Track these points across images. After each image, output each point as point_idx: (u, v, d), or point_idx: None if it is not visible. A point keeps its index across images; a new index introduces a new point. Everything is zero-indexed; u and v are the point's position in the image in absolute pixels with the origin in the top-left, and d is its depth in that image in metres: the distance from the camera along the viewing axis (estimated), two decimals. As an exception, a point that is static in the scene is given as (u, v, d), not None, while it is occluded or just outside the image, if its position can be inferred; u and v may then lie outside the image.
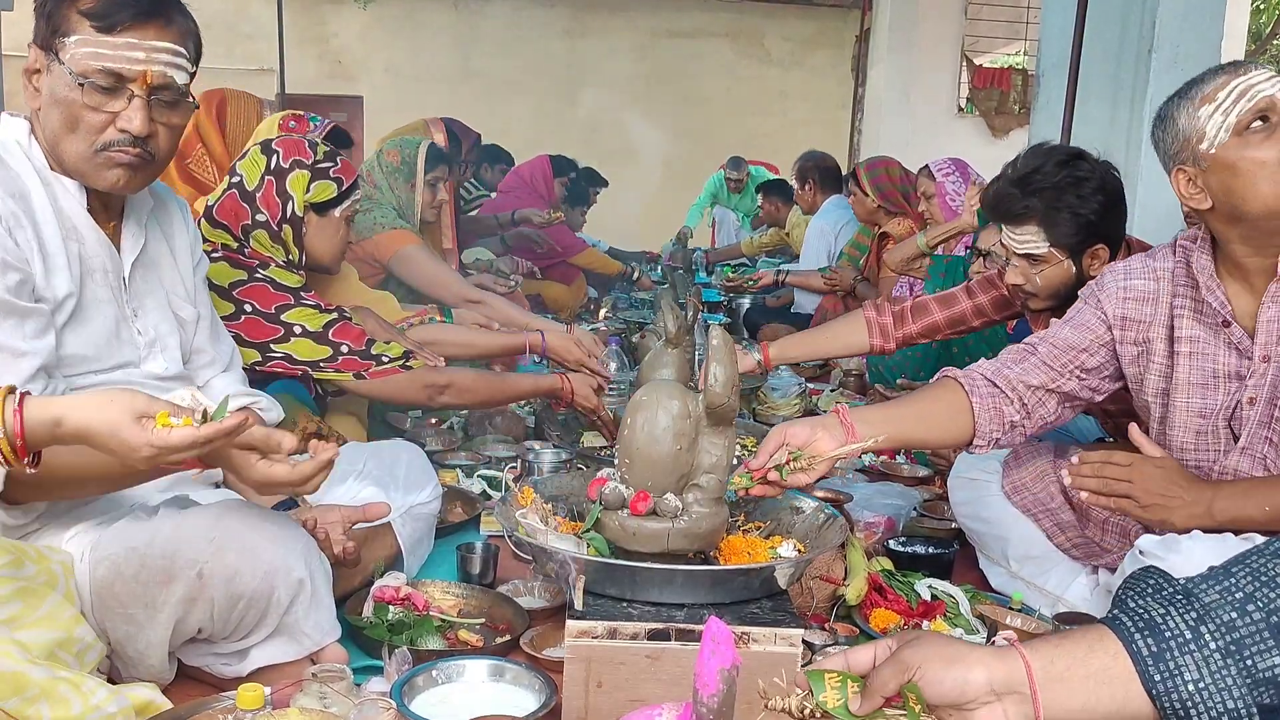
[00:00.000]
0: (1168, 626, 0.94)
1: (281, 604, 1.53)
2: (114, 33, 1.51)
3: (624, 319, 5.00)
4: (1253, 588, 0.94)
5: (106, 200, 1.64)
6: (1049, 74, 5.06)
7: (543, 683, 1.53)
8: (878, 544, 2.25)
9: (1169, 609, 0.95)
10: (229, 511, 1.53)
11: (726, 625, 1.03)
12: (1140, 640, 0.94)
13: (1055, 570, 2.08)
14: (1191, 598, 0.95)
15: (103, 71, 1.51)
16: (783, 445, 1.68)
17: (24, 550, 1.45)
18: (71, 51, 1.51)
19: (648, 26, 11.25)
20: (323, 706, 1.39)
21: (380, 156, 3.63)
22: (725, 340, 1.49)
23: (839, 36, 11.07)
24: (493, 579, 2.05)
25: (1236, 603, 0.94)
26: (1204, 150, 1.63)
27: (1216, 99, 1.61)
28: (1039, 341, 1.95)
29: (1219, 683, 0.91)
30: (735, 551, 1.60)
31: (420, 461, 2.14)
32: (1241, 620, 0.93)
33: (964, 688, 0.95)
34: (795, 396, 3.60)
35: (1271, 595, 0.93)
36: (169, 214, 1.80)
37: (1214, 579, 0.97)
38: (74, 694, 1.26)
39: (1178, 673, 0.92)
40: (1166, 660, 0.93)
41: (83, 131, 1.54)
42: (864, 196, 4.51)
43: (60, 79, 1.53)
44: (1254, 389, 1.72)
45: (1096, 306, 1.91)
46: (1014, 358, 1.95)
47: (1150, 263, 1.88)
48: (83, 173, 1.58)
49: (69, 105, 1.53)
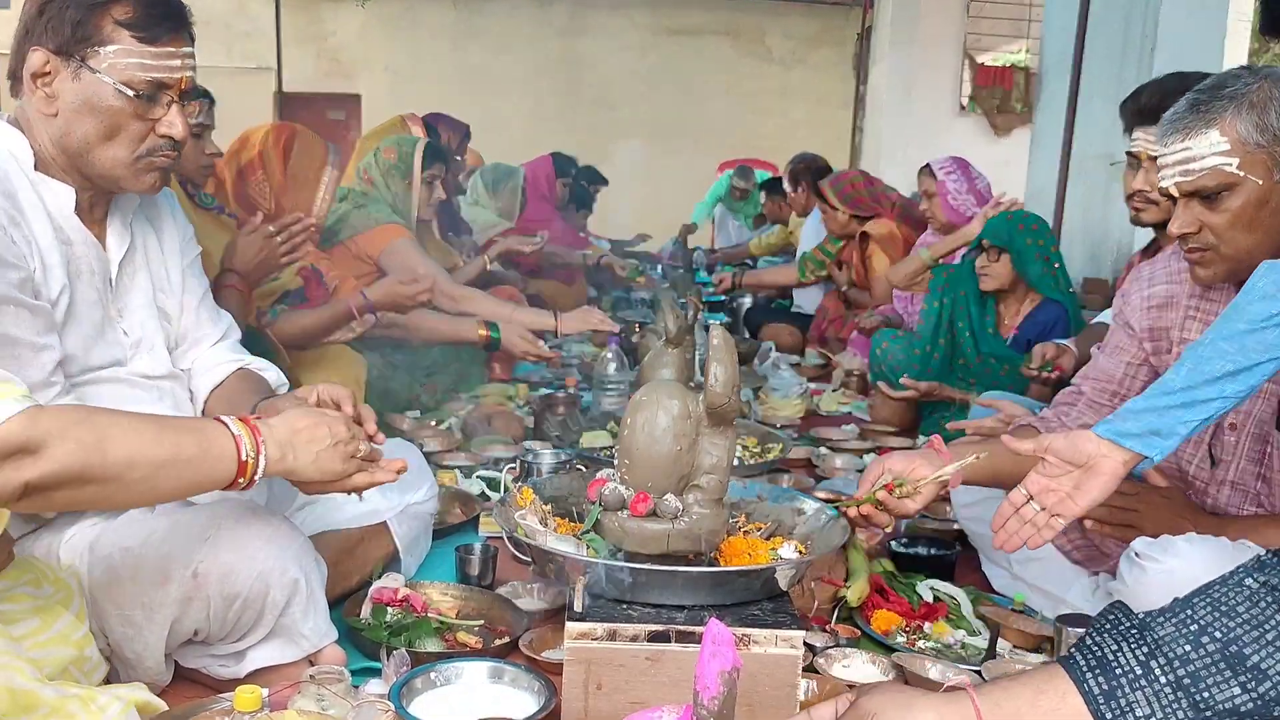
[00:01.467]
0: (1119, 663, 0.96)
1: (277, 605, 1.52)
2: (156, 44, 1.55)
3: (624, 319, 4.99)
4: (1210, 618, 0.95)
5: (93, 201, 1.64)
6: (1051, 72, 5.06)
7: (542, 685, 1.52)
8: (880, 545, 2.25)
9: (1121, 645, 0.97)
10: (223, 512, 1.53)
11: (727, 627, 1.02)
12: (1091, 679, 0.96)
13: (1057, 572, 2.07)
14: (1146, 631, 0.97)
15: (149, 82, 1.54)
16: (883, 473, 1.67)
17: (43, 571, 1.46)
18: (111, 61, 1.52)
19: (648, 24, 11.25)
20: (320, 709, 1.39)
21: (377, 154, 3.62)
22: (725, 340, 1.48)
23: (840, 34, 11.07)
24: (491, 580, 2.04)
25: (1191, 635, 0.95)
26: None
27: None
28: (1082, 380, 1.95)
29: (1169, 716, 0.92)
30: (736, 553, 1.59)
31: (416, 461, 2.13)
32: (1195, 653, 0.94)
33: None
34: (796, 396, 3.59)
35: (1230, 625, 0.94)
36: (156, 208, 1.79)
37: (1172, 612, 0.98)
38: (83, 710, 1.25)
39: (1129, 709, 0.94)
40: (1117, 697, 0.94)
41: (124, 139, 1.56)
42: (834, 212, 4.58)
43: (96, 88, 1.53)
44: (1235, 414, 1.72)
45: (1125, 326, 1.90)
46: (1066, 402, 1.95)
47: (1174, 263, 1.85)
48: (117, 178, 1.59)
49: (110, 114, 1.54)
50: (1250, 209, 1.55)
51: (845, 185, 4.56)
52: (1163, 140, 1.63)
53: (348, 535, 1.89)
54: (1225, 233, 1.58)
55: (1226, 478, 1.75)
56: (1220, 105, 1.55)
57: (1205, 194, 1.58)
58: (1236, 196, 1.56)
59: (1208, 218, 1.60)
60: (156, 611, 1.48)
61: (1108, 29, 4.25)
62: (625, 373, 3.19)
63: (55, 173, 1.58)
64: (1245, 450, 1.72)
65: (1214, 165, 1.55)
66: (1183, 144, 1.58)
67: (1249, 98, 1.53)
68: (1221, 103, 1.55)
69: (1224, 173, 1.55)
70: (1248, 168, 1.54)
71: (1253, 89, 1.54)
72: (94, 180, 1.60)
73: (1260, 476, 1.72)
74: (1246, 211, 1.55)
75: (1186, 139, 1.58)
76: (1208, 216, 1.60)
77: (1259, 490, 1.72)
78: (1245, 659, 0.92)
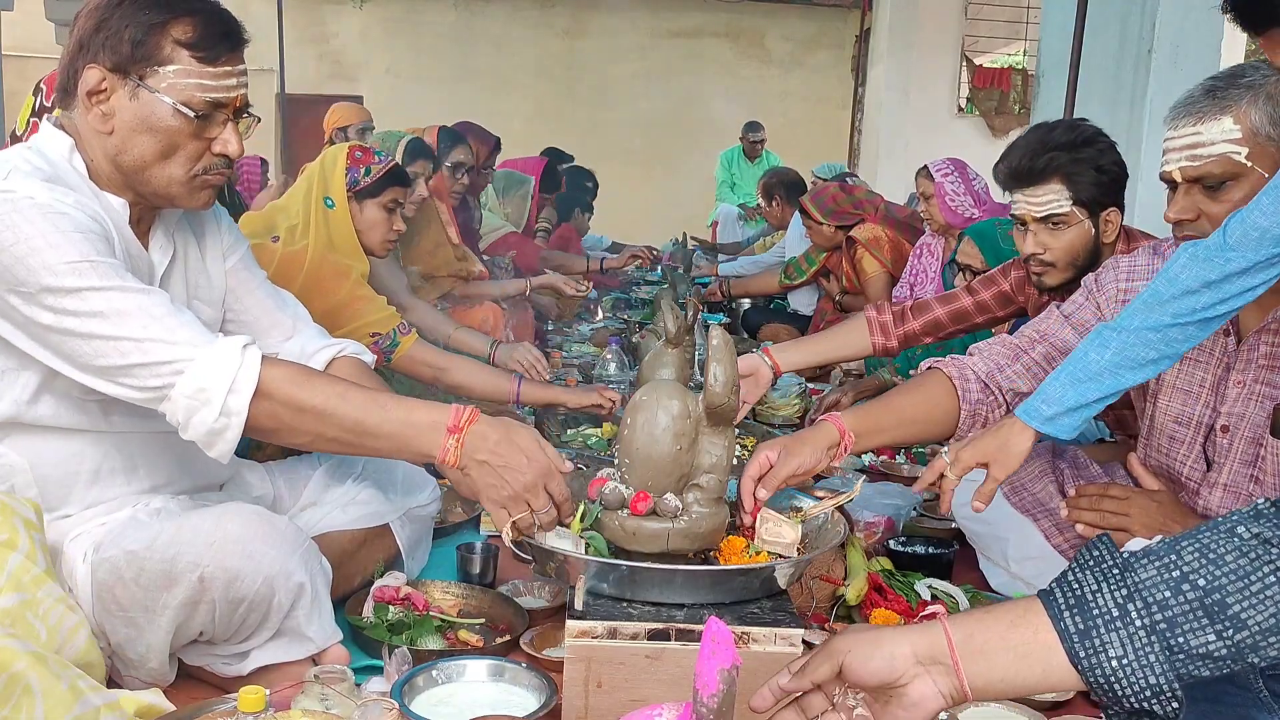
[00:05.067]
0: (1096, 604, 0.95)
1: (283, 607, 1.53)
2: (215, 64, 1.54)
3: (624, 319, 5.01)
4: (1195, 565, 0.94)
5: (142, 214, 1.64)
6: (1049, 74, 5.07)
7: (543, 683, 1.53)
8: (878, 544, 2.26)
9: (1101, 585, 0.96)
10: (229, 515, 1.53)
11: (726, 625, 1.03)
12: (1068, 617, 0.95)
13: (1054, 570, 2.08)
14: (1127, 573, 0.96)
15: (207, 102, 1.54)
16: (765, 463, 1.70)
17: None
18: (171, 81, 1.52)
19: (648, 26, 11.26)
20: (324, 708, 1.39)
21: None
22: (725, 340, 1.49)
23: (839, 36, 11.08)
24: (492, 579, 2.05)
25: (1172, 581, 0.94)
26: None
27: None
28: (1038, 339, 1.94)
29: (1142, 660, 0.92)
30: (735, 551, 1.60)
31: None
32: (1175, 599, 0.93)
33: (892, 662, 0.98)
34: (795, 396, 3.60)
35: (1215, 574, 0.93)
36: (198, 215, 1.78)
37: (1157, 555, 0.97)
38: None
39: (1102, 649, 0.93)
40: (1092, 637, 0.94)
41: (181, 158, 1.56)
42: (819, 225, 4.65)
43: (154, 107, 1.52)
44: (1227, 416, 1.73)
45: (1096, 309, 1.90)
46: (1008, 355, 1.94)
47: (1154, 261, 1.86)
48: (172, 196, 1.59)
49: (169, 134, 1.54)
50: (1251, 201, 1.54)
51: (826, 199, 4.65)
52: (1171, 123, 1.63)
53: (351, 537, 1.89)
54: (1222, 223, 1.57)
55: (1219, 480, 1.76)
56: (1237, 93, 1.54)
57: (1209, 182, 1.58)
58: (1240, 188, 1.56)
59: (1207, 206, 1.60)
60: (159, 614, 1.48)
61: (1105, 31, 4.26)
62: (625, 373, 3.20)
63: (107, 186, 1.58)
64: (1239, 453, 1.73)
65: (1223, 152, 1.55)
66: (1193, 128, 1.58)
67: (1266, 89, 1.53)
68: (1238, 91, 1.54)
69: (1232, 161, 1.55)
70: (1256, 159, 1.54)
71: (1270, 81, 1.54)
72: (147, 197, 1.60)
73: (1253, 479, 1.73)
74: (1247, 204, 1.54)
75: (1198, 123, 1.57)
76: (1207, 205, 1.60)
77: (1251, 493, 1.73)
78: (1226, 608, 0.91)
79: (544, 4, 11.06)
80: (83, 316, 1.42)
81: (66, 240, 1.42)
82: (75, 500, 1.60)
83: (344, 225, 2.74)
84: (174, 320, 1.45)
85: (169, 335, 1.43)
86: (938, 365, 1.98)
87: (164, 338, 1.43)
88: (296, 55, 9.30)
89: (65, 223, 1.44)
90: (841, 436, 1.78)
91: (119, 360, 1.42)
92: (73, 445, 1.59)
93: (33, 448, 1.57)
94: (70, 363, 1.45)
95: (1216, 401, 1.75)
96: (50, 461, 1.57)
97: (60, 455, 1.58)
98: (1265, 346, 1.69)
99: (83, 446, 1.59)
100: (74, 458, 1.59)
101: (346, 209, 2.75)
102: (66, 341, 1.44)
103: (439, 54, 10.95)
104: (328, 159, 2.81)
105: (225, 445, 1.47)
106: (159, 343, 1.43)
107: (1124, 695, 0.93)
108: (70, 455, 1.59)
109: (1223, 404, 1.73)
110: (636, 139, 10.86)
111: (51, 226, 1.42)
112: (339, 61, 11.01)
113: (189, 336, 1.44)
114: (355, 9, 10.64)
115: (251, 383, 1.44)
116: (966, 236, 3.18)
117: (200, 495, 1.75)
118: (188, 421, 1.44)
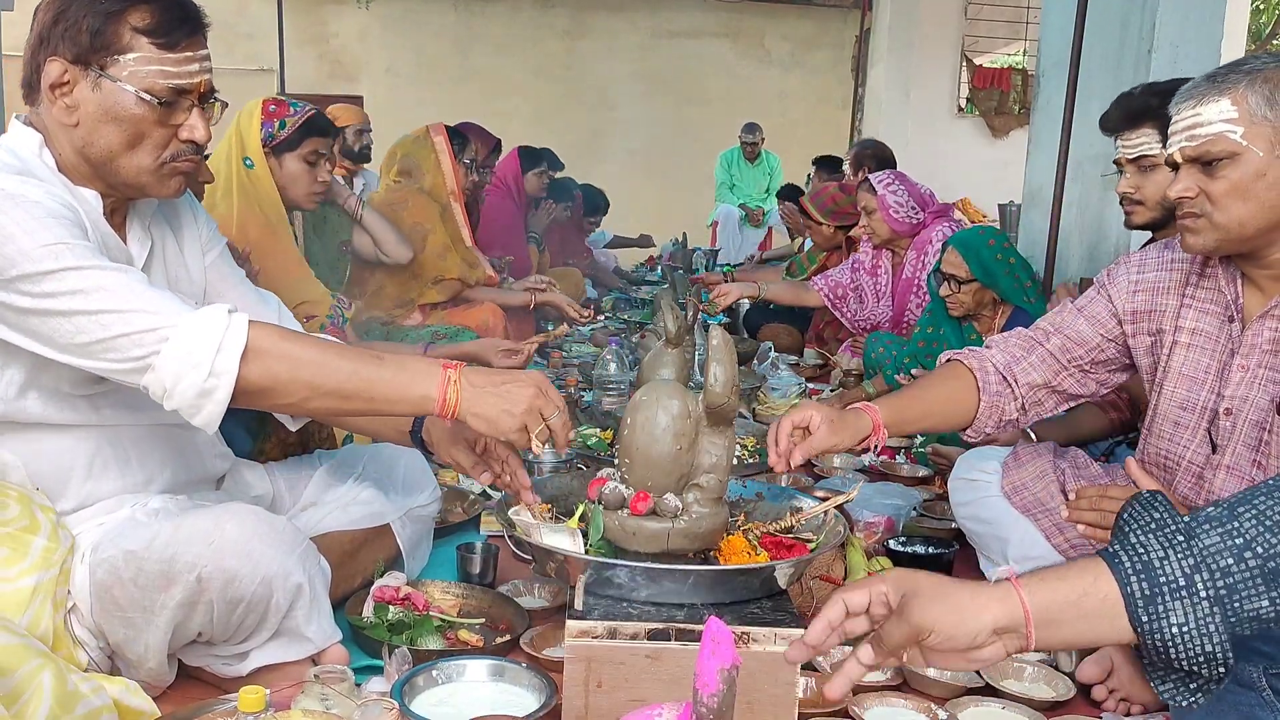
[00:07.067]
0: (1164, 571, 0.98)
1: (281, 608, 1.53)
2: (176, 49, 1.53)
3: (624, 319, 5.01)
4: (1255, 532, 0.97)
5: (115, 206, 1.64)
6: (1049, 74, 5.07)
7: (543, 682, 1.53)
8: (877, 544, 2.26)
9: (1168, 552, 0.99)
10: (227, 515, 1.52)
11: (726, 625, 1.03)
12: (1136, 582, 0.98)
13: (1055, 570, 2.09)
14: (1192, 539, 0.98)
15: (170, 89, 1.53)
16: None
17: (6, 490, 1.47)
18: (132, 70, 1.51)
19: (647, 26, 11.26)
20: (324, 708, 1.39)
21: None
22: (725, 340, 1.50)
23: (839, 36, 11.08)
24: (493, 579, 2.05)
25: (1235, 549, 0.97)
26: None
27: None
28: (1053, 331, 2.00)
29: (1203, 629, 0.95)
30: (735, 551, 1.60)
31: (419, 463, 2.14)
32: (1238, 566, 0.96)
33: (974, 639, 1.02)
34: (795, 396, 3.60)
35: (1273, 541, 0.96)
36: (174, 208, 1.78)
37: (1219, 521, 1.00)
38: None
39: (1165, 615, 0.96)
40: (1157, 604, 0.97)
41: (148, 147, 1.55)
42: (820, 226, 4.72)
43: (117, 96, 1.51)
44: (1230, 400, 1.74)
45: (1108, 301, 1.96)
46: (1024, 346, 2.01)
47: (1166, 254, 1.91)
48: (142, 185, 1.58)
49: (133, 122, 1.53)
50: (1248, 180, 1.60)
51: (826, 199, 4.70)
52: (1175, 107, 1.68)
53: (352, 537, 1.89)
54: (1220, 200, 1.62)
55: (1223, 462, 1.77)
56: (1236, 77, 1.60)
57: (1207, 160, 1.63)
58: (1236, 167, 1.60)
59: (1206, 184, 1.64)
60: (158, 614, 1.48)
61: (1105, 31, 4.26)
62: (625, 373, 3.20)
63: (78, 179, 1.58)
64: (1242, 436, 1.74)
65: (1220, 131, 1.60)
66: (1194, 110, 1.63)
67: (1265, 73, 1.59)
68: (1238, 75, 1.60)
69: (1228, 140, 1.60)
70: (1251, 139, 1.58)
71: (1270, 66, 1.59)
72: (118, 187, 1.59)
73: (1256, 463, 1.73)
74: (1244, 182, 1.60)
75: (1198, 105, 1.63)
76: (1206, 183, 1.64)
77: (1255, 477, 1.73)
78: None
79: (544, 4, 11.05)
80: (62, 296, 1.40)
81: (40, 225, 1.41)
82: (71, 496, 1.60)
83: (265, 183, 2.66)
84: (154, 293, 1.45)
85: (151, 306, 1.42)
86: (958, 357, 2.03)
87: (146, 308, 1.42)
88: (297, 55, 9.31)
89: (37, 209, 1.43)
90: (875, 432, 1.84)
91: (100, 334, 1.41)
92: (64, 441, 1.58)
93: (24, 445, 1.57)
94: (49, 344, 1.43)
95: (1220, 386, 1.77)
96: (43, 458, 1.57)
97: (52, 451, 1.58)
98: (1269, 332, 1.71)
99: (74, 441, 1.59)
100: (66, 453, 1.59)
101: (266, 167, 2.66)
102: (46, 322, 1.42)
103: (439, 54, 10.95)
104: (243, 115, 2.71)
105: (214, 407, 1.43)
106: (142, 312, 1.41)
107: (1177, 658, 0.96)
108: (62, 450, 1.58)
109: (1226, 388, 1.76)
110: (636, 139, 10.85)
111: (24, 213, 1.41)
112: (339, 62, 11.00)
113: (172, 307, 1.43)
114: (355, 9, 10.62)
115: (239, 341, 1.43)
116: (950, 246, 3.16)
117: (199, 494, 1.75)
118: (174, 388, 1.41)
